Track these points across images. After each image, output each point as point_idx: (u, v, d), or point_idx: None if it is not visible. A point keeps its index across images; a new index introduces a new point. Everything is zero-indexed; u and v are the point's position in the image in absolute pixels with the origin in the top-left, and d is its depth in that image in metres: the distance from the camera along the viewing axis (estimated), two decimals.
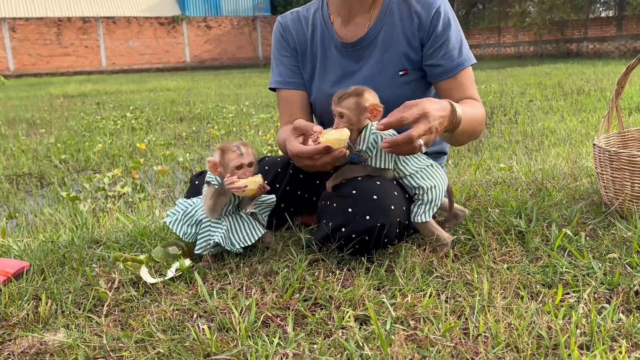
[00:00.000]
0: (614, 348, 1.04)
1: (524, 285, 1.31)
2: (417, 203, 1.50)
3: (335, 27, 1.74)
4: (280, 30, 1.83)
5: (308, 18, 1.79)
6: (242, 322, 1.16)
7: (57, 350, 1.12)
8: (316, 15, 1.78)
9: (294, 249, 1.54)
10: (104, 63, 23.90)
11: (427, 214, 1.48)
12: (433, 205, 1.48)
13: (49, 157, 4.56)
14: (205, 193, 1.52)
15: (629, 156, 1.66)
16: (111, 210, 2.82)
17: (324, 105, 1.74)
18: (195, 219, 1.54)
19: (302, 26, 1.79)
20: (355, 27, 1.71)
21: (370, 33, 1.68)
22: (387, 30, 1.67)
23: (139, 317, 1.24)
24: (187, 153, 4.53)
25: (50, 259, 1.62)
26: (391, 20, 1.67)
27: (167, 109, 7.89)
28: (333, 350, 1.07)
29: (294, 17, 1.82)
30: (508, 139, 4.52)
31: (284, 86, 1.81)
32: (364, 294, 1.28)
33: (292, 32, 1.80)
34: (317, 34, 1.76)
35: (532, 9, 21.55)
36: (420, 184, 1.47)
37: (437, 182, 1.48)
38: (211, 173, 1.48)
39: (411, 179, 1.49)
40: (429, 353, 1.04)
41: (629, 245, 1.47)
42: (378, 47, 1.67)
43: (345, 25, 1.72)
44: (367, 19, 1.69)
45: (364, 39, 1.69)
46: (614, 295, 1.24)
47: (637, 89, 6.94)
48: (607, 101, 6.29)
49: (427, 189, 1.47)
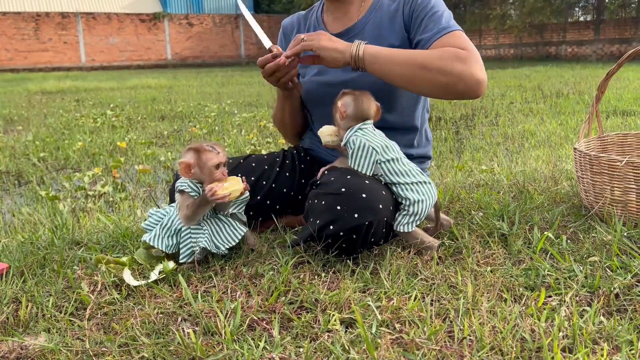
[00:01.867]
0: (596, 351, 1.05)
1: (507, 288, 1.33)
2: (402, 213, 1.50)
3: (326, 23, 1.82)
4: (281, 33, 1.95)
5: (306, 18, 1.89)
6: (228, 326, 1.16)
7: (38, 355, 1.10)
8: (312, 17, 1.87)
9: (279, 251, 1.54)
10: (83, 59, 23.56)
11: (411, 225, 1.49)
12: (417, 218, 1.49)
13: (27, 155, 4.48)
14: (179, 201, 1.49)
15: (608, 160, 1.68)
16: (91, 210, 2.78)
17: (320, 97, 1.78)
18: (174, 229, 1.52)
19: (299, 26, 1.90)
20: (344, 22, 1.78)
21: (359, 24, 1.74)
22: (375, 22, 1.72)
23: (122, 320, 1.23)
24: (169, 152, 4.49)
25: (30, 260, 1.59)
26: (379, 14, 1.72)
27: (148, 107, 7.80)
28: (319, 354, 1.07)
29: (292, 20, 1.94)
30: (489, 141, 4.57)
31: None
32: (350, 297, 1.28)
33: (289, 33, 1.90)
34: (310, 31, 1.84)
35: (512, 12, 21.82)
36: (408, 196, 1.48)
37: (426, 197, 1.49)
38: (183, 176, 1.46)
39: (399, 188, 1.49)
40: (415, 357, 1.04)
41: (609, 249, 1.50)
42: (365, 38, 1.69)
43: (336, 21, 1.80)
44: (356, 15, 1.76)
45: (351, 29, 1.74)
46: (595, 298, 1.26)
47: (614, 93, 7.07)
48: (585, 104, 6.39)
49: (414, 202, 1.48)
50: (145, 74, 18.23)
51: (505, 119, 5.65)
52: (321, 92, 1.75)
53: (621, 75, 10.30)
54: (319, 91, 1.76)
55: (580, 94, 7.55)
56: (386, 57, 1.53)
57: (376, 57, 1.53)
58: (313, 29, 1.83)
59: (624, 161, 1.63)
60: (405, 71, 1.51)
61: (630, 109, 5.74)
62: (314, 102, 1.84)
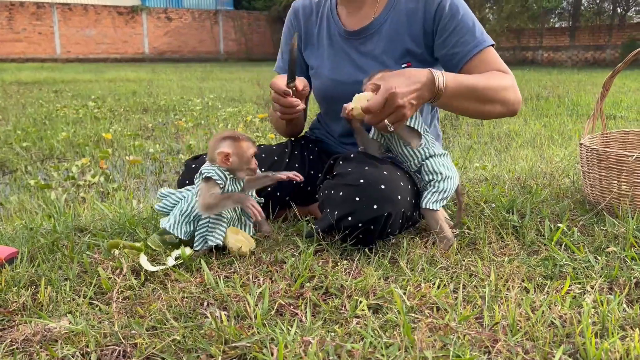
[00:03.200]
0: (625, 336, 1.07)
1: (527, 277, 1.34)
2: (431, 190, 1.51)
3: (341, 17, 1.76)
4: (292, 17, 1.86)
5: (319, 6, 1.81)
6: (258, 310, 1.14)
7: (65, 337, 1.07)
8: (325, 5, 1.80)
9: (297, 239, 1.53)
10: (58, 51, 23.04)
11: (438, 203, 1.49)
12: (445, 195, 1.49)
13: (9, 144, 4.36)
14: (202, 188, 1.46)
15: (617, 156, 1.72)
16: (85, 200, 2.72)
17: (333, 93, 1.76)
18: (193, 215, 1.49)
19: (312, 13, 1.82)
20: (360, 18, 1.72)
21: (375, 23, 1.69)
22: (392, 22, 1.67)
23: (146, 304, 1.20)
24: (157, 144, 4.43)
25: (38, 245, 1.55)
26: (397, 13, 1.67)
27: (129, 100, 7.68)
28: (355, 337, 1.07)
29: (305, 5, 1.85)
30: (477, 140, 4.62)
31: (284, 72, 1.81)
32: (375, 284, 1.28)
33: (301, 18, 1.83)
34: (323, 23, 1.78)
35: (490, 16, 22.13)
36: (440, 170, 1.50)
37: (454, 175, 1.51)
38: (220, 165, 1.44)
39: (432, 162, 1.51)
40: (450, 340, 1.05)
41: (622, 241, 1.53)
42: (382, 38, 1.67)
43: (350, 16, 1.74)
44: (372, 11, 1.71)
45: (368, 28, 1.70)
46: (616, 288, 1.28)
47: (594, 97, 7.22)
48: (566, 107, 6.52)
49: (444, 178, 1.49)
50: (123, 67, 17.94)
51: (490, 120, 5.72)
52: (337, 91, 1.73)
53: (597, 81, 10.54)
54: (335, 89, 1.74)
55: (559, 97, 7.69)
56: (462, 94, 1.47)
57: (454, 94, 1.45)
58: (326, 22, 1.78)
59: (635, 156, 1.66)
60: (472, 106, 1.53)
61: (610, 112, 5.88)
62: (327, 98, 1.82)
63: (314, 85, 1.83)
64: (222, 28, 26.61)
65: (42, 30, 22.75)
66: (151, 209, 1.93)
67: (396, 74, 1.40)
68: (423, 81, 1.39)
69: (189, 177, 1.67)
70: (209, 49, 26.41)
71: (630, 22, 19.14)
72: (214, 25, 26.47)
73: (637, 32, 18.32)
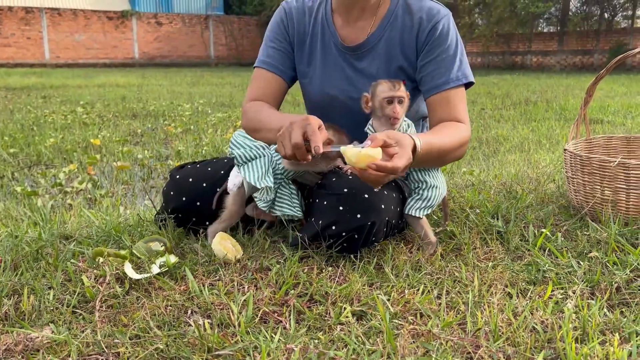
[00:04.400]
0: (605, 341, 1.09)
1: (510, 282, 1.36)
2: (415, 197, 1.53)
3: (336, 26, 1.70)
4: (282, 15, 1.77)
5: (312, 9, 1.74)
6: (242, 318, 1.14)
7: (47, 347, 1.07)
8: (320, 9, 1.73)
9: (283, 245, 1.53)
10: (47, 56, 22.90)
11: (422, 210, 1.51)
12: (429, 204, 1.51)
13: None
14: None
15: (600, 161, 1.74)
16: (72, 207, 2.71)
17: (325, 104, 1.73)
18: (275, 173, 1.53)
19: (305, 16, 1.74)
20: (356, 30, 1.67)
21: (371, 39, 1.65)
22: (388, 38, 1.64)
23: (130, 313, 1.20)
24: (145, 150, 4.42)
25: (22, 253, 1.54)
26: (392, 29, 1.63)
27: (118, 105, 7.65)
28: (338, 344, 1.07)
29: (298, 6, 1.76)
30: None
31: (269, 67, 1.75)
32: (359, 290, 1.28)
33: (295, 21, 1.75)
34: (317, 28, 1.72)
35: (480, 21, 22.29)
36: (425, 179, 1.51)
37: (439, 184, 1.52)
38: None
39: (419, 171, 1.52)
40: (433, 347, 1.05)
41: (604, 246, 1.54)
42: (378, 55, 1.64)
43: (347, 27, 1.68)
44: (369, 24, 1.66)
45: (364, 45, 1.66)
46: (597, 292, 1.29)
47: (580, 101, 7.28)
48: (554, 111, 6.58)
49: (429, 186, 1.51)
50: (112, 72, 17.86)
51: (478, 124, 5.76)
52: (328, 104, 1.72)
53: (585, 86, 10.63)
54: (327, 102, 1.72)
55: (547, 102, 7.75)
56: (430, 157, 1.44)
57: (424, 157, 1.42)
58: (321, 28, 1.71)
59: (616, 162, 1.68)
60: (435, 162, 1.53)
61: (597, 117, 5.93)
62: (318, 109, 1.79)
63: (305, 91, 1.81)
64: (213, 33, 26.59)
65: (31, 35, 22.60)
66: (137, 216, 1.93)
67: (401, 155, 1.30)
68: (410, 154, 1.33)
69: (174, 188, 1.66)
70: (199, 54, 26.37)
71: (618, 27, 19.34)
72: (204, 30, 26.44)
73: (624, 37, 18.51)
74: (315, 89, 1.74)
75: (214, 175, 1.66)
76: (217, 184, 1.64)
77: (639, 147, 2.13)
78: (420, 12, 1.61)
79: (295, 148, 1.34)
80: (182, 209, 1.64)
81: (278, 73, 1.75)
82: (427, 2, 1.63)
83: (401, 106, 1.47)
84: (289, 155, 1.37)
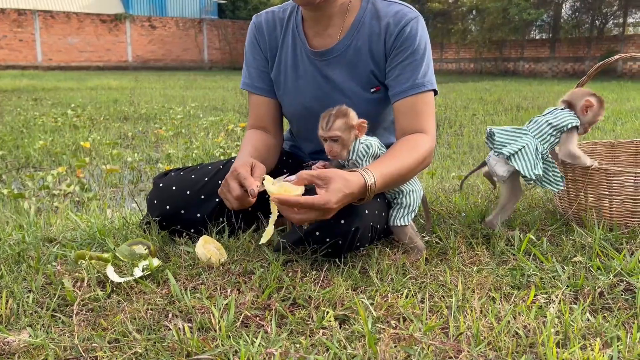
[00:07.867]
0: (587, 346, 1.08)
1: (494, 287, 1.35)
2: (396, 207, 1.53)
3: (307, 35, 1.67)
4: (253, 31, 1.75)
5: (283, 19, 1.71)
6: (222, 322, 1.13)
7: (23, 351, 1.05)
8: (291, 18, 1.70)
9: (266, 249, 1.52)
10: (39, 58, 22.81)
11: (405, 218, 1.50)
12: (411, 210, 1.51)
13: None
14: (569, 136, 1.73)
15: (583, 169, 1.74)
16: (59, 209, 2.69)
17: (300, 115, 1.74)
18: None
19: (275, 28, 1.71)
20: (325, 39, 1.65)
21: (340, 45, 1.62)
22: (356, 44, 1.61)
23: (110, 316, 1.19)
24: (135, 153, 4.40)
25: (4, 256, 1.52)
26: (361, 35, 1.61)
27: (110, 108, 7.63)
28: (318, 349, 1.06)
29: (268, 18, 1.73)
30: (455, 150, 4.66)
31: (252, 90, 1.77)
32: (343, 294, 1.28)
33: (265, 34, 1.72)
34: (288, 38, 1.69)
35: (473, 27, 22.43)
36: (401, 188, 1.51)
37: (415, 187, 1.52)
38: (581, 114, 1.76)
39: None
40: (414, 351, 1.05)
41: (589, 251, 1.55)
42: (348, 61, 1.62)
43: (317, 36, 1.66)
44: (338, 30, 1.63)
45: (333, 50, 1.63)
46: (580, 297, 1.29)
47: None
48: None
49: (406, 193, 1.51)
50: (106, 75, 17.82)
51: (470, 130, 5.77)
52: (304, 114, 1.71)
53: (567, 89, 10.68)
54: (302, 112, 1.72)
55: (539, 108, 7.79)
56: (390, 184, 1.44)
57: (383, 187, 1.42)
58: (291, 39, 1.68)
59: (594, 164, 1.69)
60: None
61: None
62: (295, 120, 1.80)
63: (282, 102, 1.77)
64: (207, 37, 26.60)
65: (24, 37, 22.52)
66: (123, 219, 1.91)
67: (335, 189, 1.30)
68: (356, 190, 1.34)
69: (157, 197, 1.65)
70: (193, 58, 26.37)
71: (609, 34, 19.51)
72: (198, 33, 26.45)
73: (615, 44, 18.68)
74: (290, 98, 1.72)
75: (197, 182, 1.65)
76: (201, 192, 1.64)
77: (623, 153, 2.13)
78: (387, 16, 1.58)
79: (238, 199, 1.43)
80: (166, 217, 1.64)
81: (263, 94, 1.76)
82: (395, 5, 1.60)
83: (337, 144, 1.43)
84: (236, 207, 1.46)
